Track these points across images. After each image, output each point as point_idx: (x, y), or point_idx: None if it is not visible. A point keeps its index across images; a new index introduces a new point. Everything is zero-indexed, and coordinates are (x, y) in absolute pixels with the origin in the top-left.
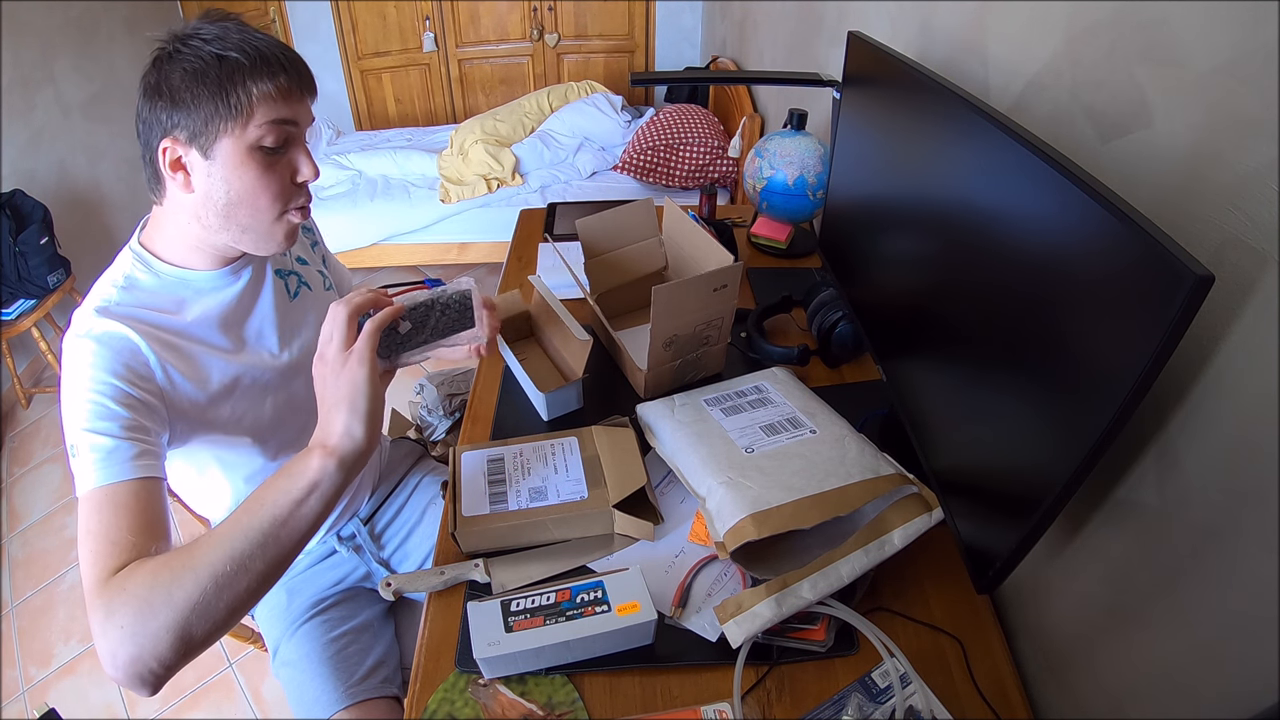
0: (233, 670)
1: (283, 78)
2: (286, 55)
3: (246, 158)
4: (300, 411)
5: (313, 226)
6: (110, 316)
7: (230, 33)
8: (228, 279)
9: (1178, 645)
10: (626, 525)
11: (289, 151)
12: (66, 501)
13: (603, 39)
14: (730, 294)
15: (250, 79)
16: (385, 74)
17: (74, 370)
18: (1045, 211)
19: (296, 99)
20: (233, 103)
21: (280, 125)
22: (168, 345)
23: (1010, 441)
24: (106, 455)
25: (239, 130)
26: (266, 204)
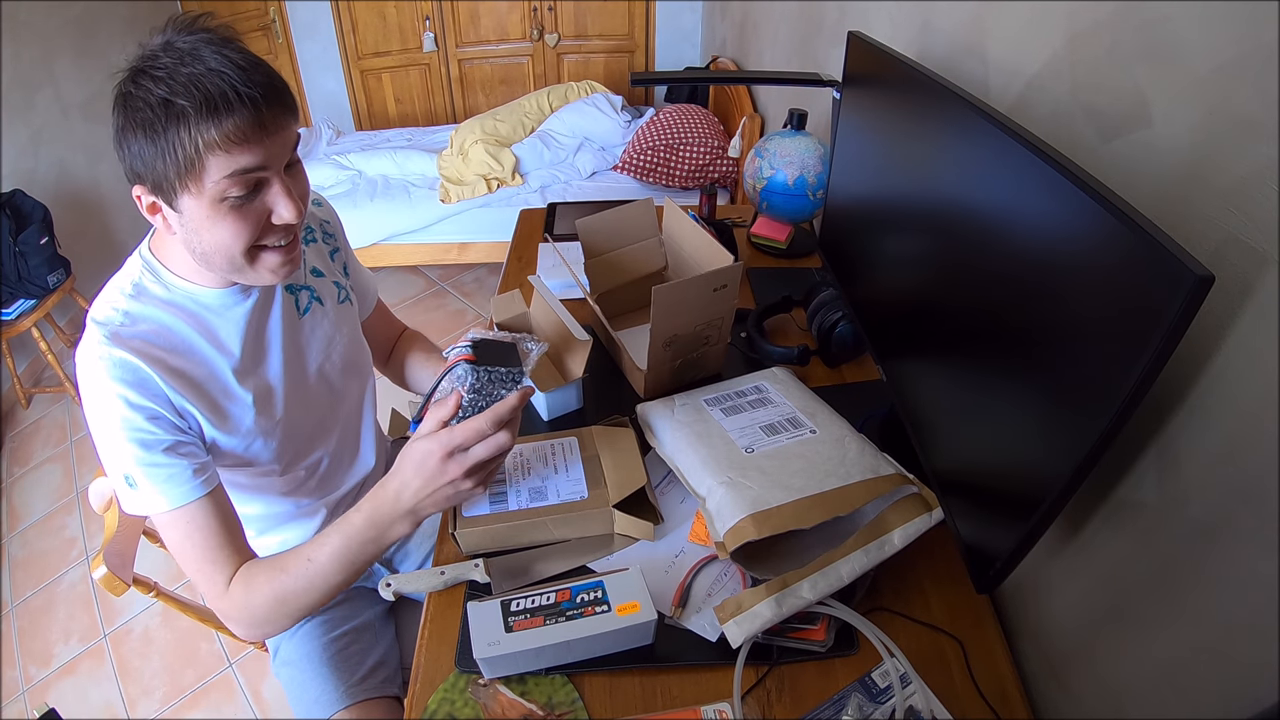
0: (233, 670)
1: (234, 122)
2: (244, 90)
3: (212, 211)
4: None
5: (334, 232)
6: (121, 345)
7: (184, 62)
8: (237, 298)
9: (1178, 645)
10: (626, 525)
11: (262, 193)
12: (66, 501)
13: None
14: (730, 294)
15: (198, 130)
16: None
17: (100, 412)
18: (1045, 211)
19: (258, 140)
20: (183, 159)
21: (242, 176)
22: (176, 373)
23: (1010, 441)
24: (168, 480)
25: (195, 187)
26: (240, 251)
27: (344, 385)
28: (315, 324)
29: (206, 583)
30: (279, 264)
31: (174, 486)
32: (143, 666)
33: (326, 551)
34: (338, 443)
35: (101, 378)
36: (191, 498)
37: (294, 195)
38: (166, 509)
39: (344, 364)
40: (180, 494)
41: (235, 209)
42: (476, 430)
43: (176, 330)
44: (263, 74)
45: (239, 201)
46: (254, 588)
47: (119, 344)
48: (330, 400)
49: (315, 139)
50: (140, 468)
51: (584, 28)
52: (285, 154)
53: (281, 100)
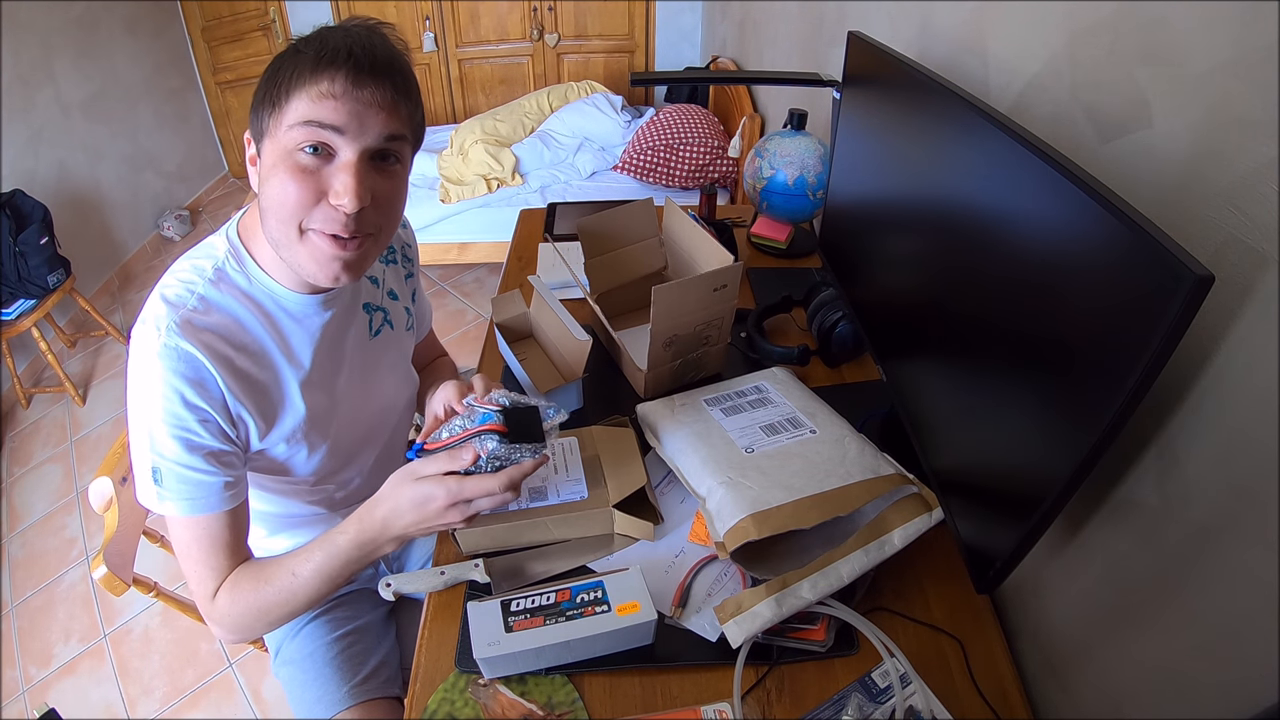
0: (233, 670)
1: (332, 71)
2: (358, 50)
3: (279, 162)
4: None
5: (413, 257)
6: (190, 337)
7: (337, 34)
8: (317, 310)
9: (1178, 645)
10: (626, 525)
11: (331, 165)
12: (66, 501)
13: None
14: (730, 294)
15: (301, 69)
16: None
17: (145, 394)
18: (1045, 211)
19: (345, 99)
20: (276, 93)
21: (311, 127)
22: (240, 374)
23: (1010, 441)
24: (197, 486)
25: (276, 129)
26: (288, 216)
27: (396, 411)
28: (385, 347)
29: (198, 584)
30: (326, 254)
31: (201, 496)
32: (143, 666)
33: (310, 568)
34: (375, 464)
35: (160, 366)
36: (212, 510)
37: (362, 185)
38: (185, 514)
39: (399, 390)
40: (204, 505)
41: (298, 168)
42: (486, 490)
43: (250, 328)
44: (384, 53)
45: (305, 160)
46: (237, 597)
47: (188, 334)
48: (381, 424)
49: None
50: (175, 467)
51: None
52: (369, 133)
53: (390, 79)
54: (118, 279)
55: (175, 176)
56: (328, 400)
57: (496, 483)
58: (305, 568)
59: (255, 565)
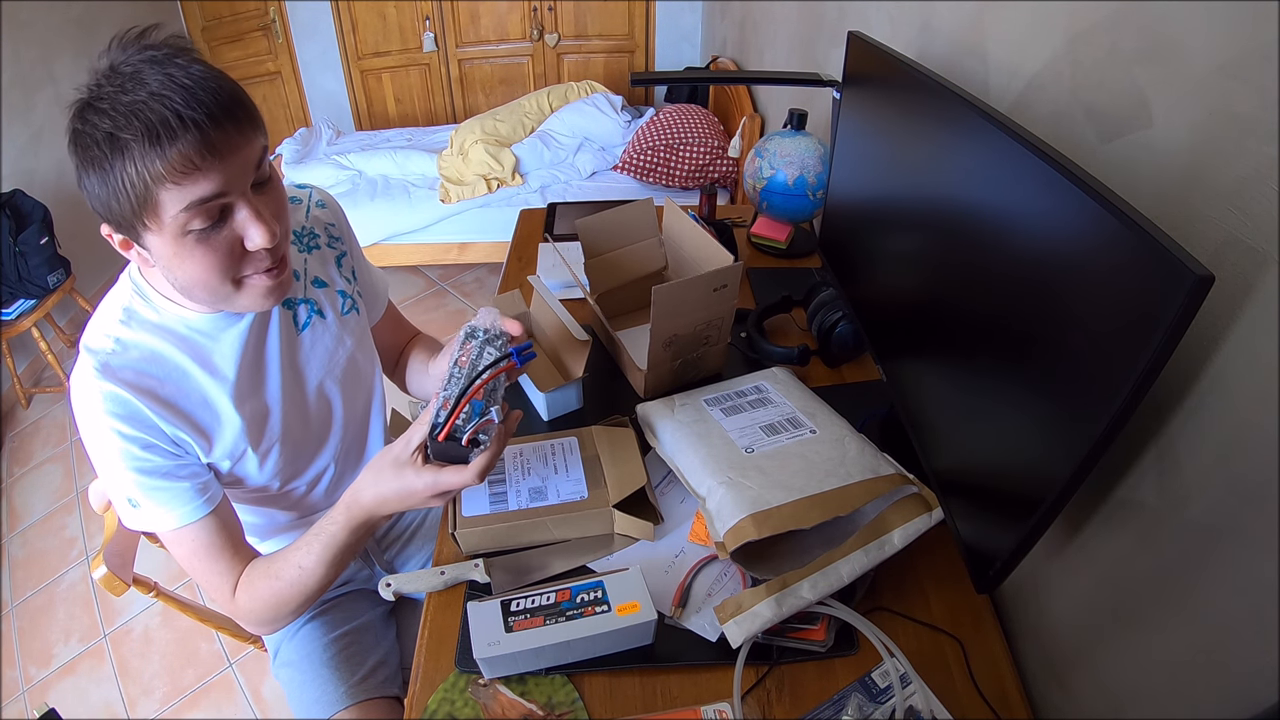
0: (233, 670)
1: (178, 150)
2: (186, 113)
3: (177, 248)
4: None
5: (341, 234)
6: (111, 378)
7: (125, 89)
8: (230, 320)
9: (1178, 645)
10: (626, 525)
11: (229, 220)
12: (66, 501)
13: (603, 39)
14: (730, 294)
15: (144, 163)
16: (385, 74)
17: (97, 444)
18: (1045, 212)
19: (210, 166)
20: (136, 197)
21: (201, 206)
22: (166, 403)
23: (1010, 441)
24: (171, 500)
25: (155, 223)
26: (218, 282)
27: (348, 397)
28: (315, 339)
29: (214, 590)
30: (267, 289)
31: (177, 506)
32: (143, 666)
33: (314, 558)
34: (342, 452)
35: (95, 411)
36: (195, 517)
37: (265, 217)
38: (172, 527)
39: (347, 376)
40: (184, 513)
41: (202, 241)
42: (463, 483)
43: (167, 357)
44: (209, 91)
45: (204, 234)
46: (255, 594)
47: (109, 376)
48: (332, 414)
49: (315, 139)
50: (142, 491)
51: (584, 28)
52: (247, 174)
53: (233, 117)
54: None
55: None
56: (262, 405)
57: (472, 475)
58: (309, 559)
59: (265, 561)
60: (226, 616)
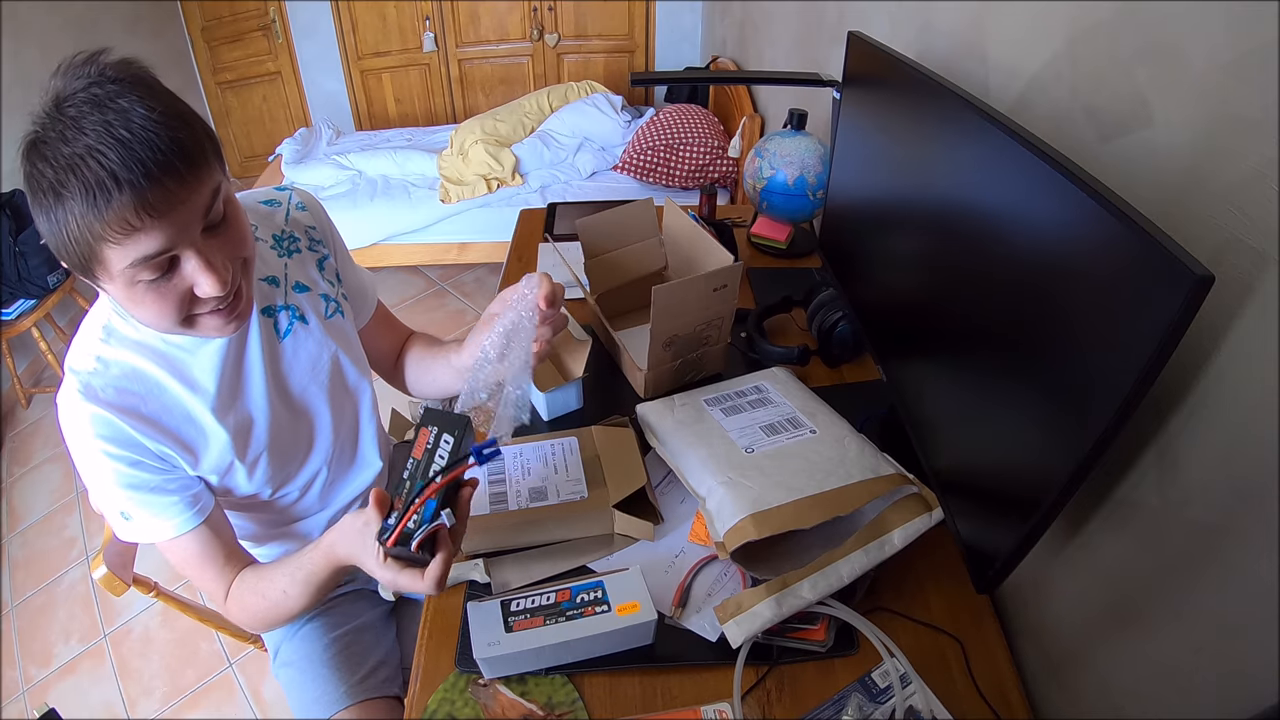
0: (233, 670)
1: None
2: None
3: (128, 294)
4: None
5: (324, 237)
6: (94, 400)
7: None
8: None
9: (1178, 645)
10: (626, 525)
11: (178, 269)
12: (66, 501)
13: (603, 39)
14: (730, 294)
15: (85, 222)
16: (385, 74)
17: (86, 461)
18: (1045, 211)
19: (152, 225)
20: (82, 252)
21: (140, 265)
22: (149, 421)
23: (1010, 441)
24: (163, 512)
25: (106, 275)
26: (170, 324)
27: (336, 401)
28: (298, 345)
29: (210, 593)
30: (221, 324)
31: (169, 518)
32: (143, 666)
33: (297, 588)
34: (334, 456)
35: (81, 432)
36: (187, 528)
37: (216, 265)
38: (165, 537)
39: (334, 380)
40: (176, 524)
41: (152, 289)
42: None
43: (147, 374)
44: (147, 145)
45: (154, 283)
46: (243, 606)
47: (92, 398)
48: (320, 420)
49: (315, 139)
50: (133, 505)
51: (584, 28)
52: (193, 224)
53: (173, 172)
54: None
55: None
56: (245, 417)
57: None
58: (293, 587)
59: (255, 576)
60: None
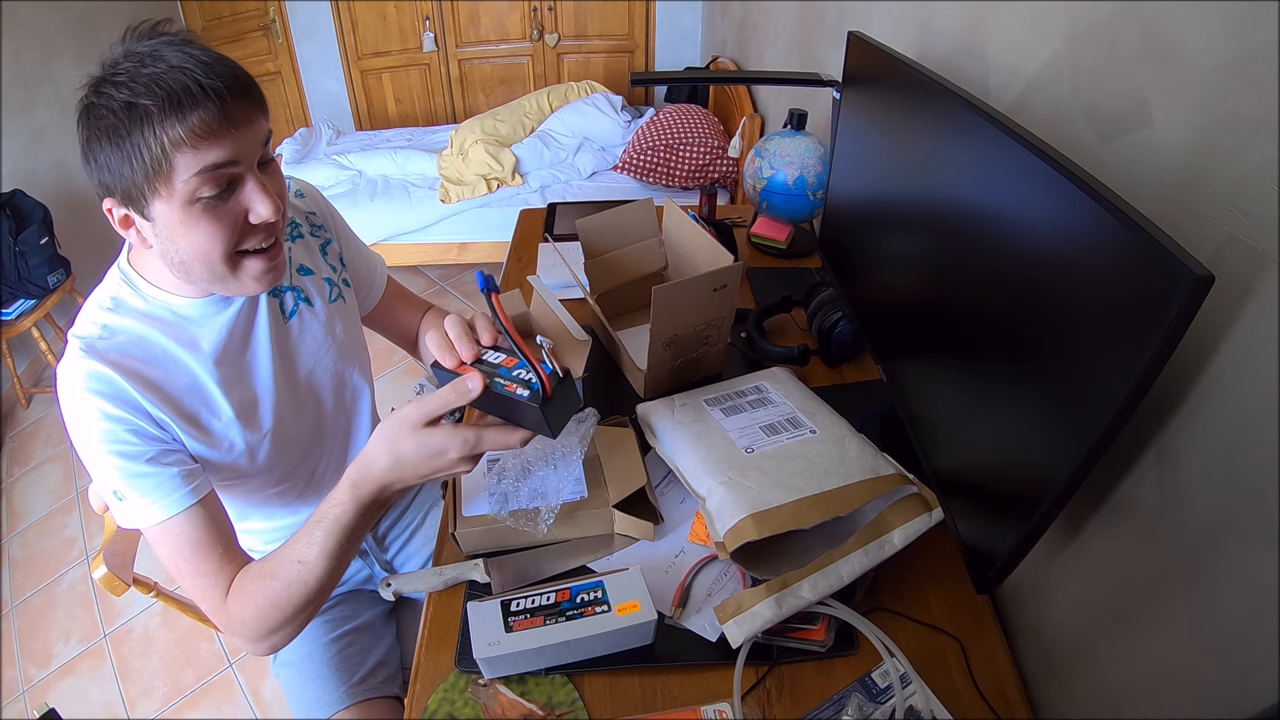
0: (233, 670)
1: (199, 116)
2: (207, 82)
3: (185, 215)
4: (296, 441)
5: (324, 222)
6: (97, 357)
7: (145, 64)
8: (218, 307)
9: (1178, 645)
10: (626, 525)
11: (236, 192)
12: (66, 501)
13: (603, 39)
14: (730, 294)
15: (163, 128)
16: (385, 74)
17: (80, 426)
18: (1045, 211)
19: (226, 134)
20: (150, 161)
21: (208, 173)
22: (152, 385)
23: (1010, 441)
24: (155, 490)
25: (166, 189)
26: (220, 256)
27: (340, 388)
28: (304, 327)
29: (204, 598)
30: (262, 270)
31: (161, 496)
32: (143, 666)
33: (316, 550)
34: (337, 447)
35: (78, 391)
36: (181, 507)
37: (270, 192)
38: (157, 520)
39: (339, 365)
40: (169, 504)
41: (209, 210)
42: (506, 444)
43: (154, 342)
44: (226, 67)
45: (212, 202)
46: (248, 598)
47: (94, 356)
48: (325, 406)
49: (315, 139)
50: (125, 480)
51: (584, 28)
52: (256, 149)
53: (248, 93)
54: None
55: None
56: (251, 393)
57: (518, 437)
58: (311, 552)
59: (259, 563)
60: None
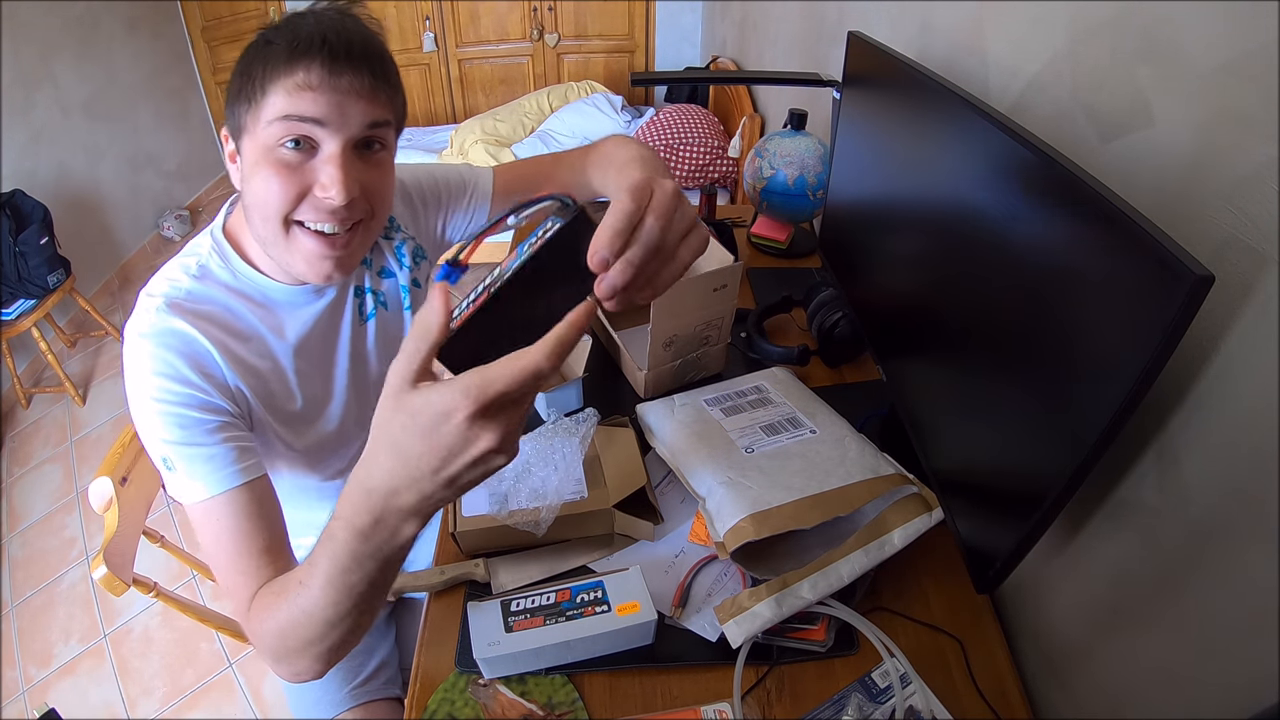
0: (233, 670)
1: (305, 63)
2: (331, 37)
3: (261, 159)
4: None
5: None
6: (179, 313)
7: (305, 17)
8: (308, 297)
9: (1178, 645)
10: (626, 525)
11: (314, 158)
12: (66, 501)
13: (603, 39)
14: (730, 294)
15: (273, 65)
16: None
17: (138, 377)
18: (1045, 211)
19: (324, 90)
20: (249, 92)
21: (291, 122)
22: (235, 357)
23: (1010, 441)
24: (206, 464)
25: (254, 125)
26: (273, 213)
27: None
28: (380, 330)
29: (234, 599)
30: (315, 253)
31: (211, 472)
32: (143, 666)
33: (318, 577)
34: None
35: (149, 347)
36: (228, 485)
37: (349, 177)
38: (202, 497)
39: None
40: (217, 480)
41: (280, 163)
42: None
43: (242, 315)
44: (360, 36)
45: (286, 155)
46: (261, 611)
47: (178, 314)
48: None
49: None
50: (178, 448)
51: (584, 28)
52: (352, 122)
53: (368, 66)
54: (118, 279)
55: (175, 176)
56: (323, 389)
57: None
58: (313, 577)
59: (282, 576)
60: (227, 617)
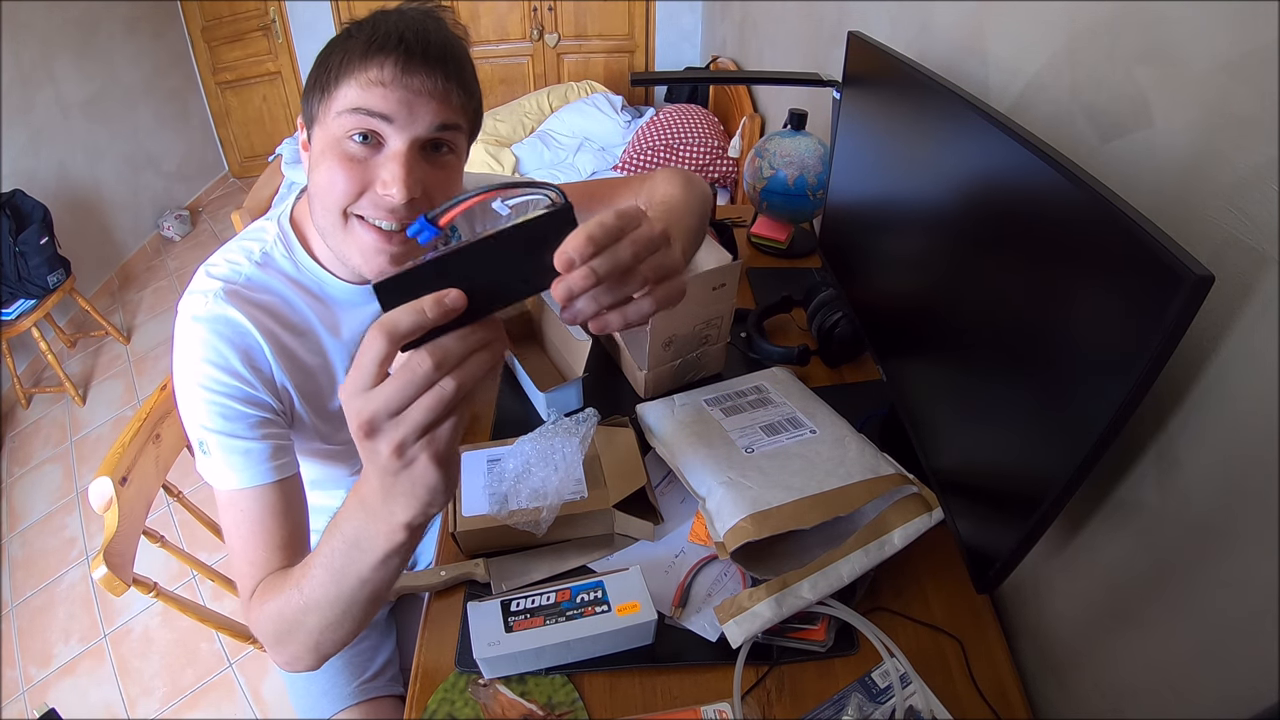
0: (233, 670)
1: (379, 59)
2: (408, 35)
3: (328, 149)
4: None
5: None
6: (236, 301)
7: (389, 15)
8: (367, 297)
9: (1178, 645)
10: (626, 525)
11: (379, 155)
12: (66, 501)
13: (603, 39)
14: (729, 293)
15: (349, 58)
16: None
17: (188, 359)
18: (1045, 211)
19: (394, 86)
20: (323, 82)
21: (359, 115)
22: (286, 352)
23: (1010, 441)
24: (242, 457)
25: (325, 115)
26: (334, 203)
27: None
28: None
29: (240, 584)
30: (371, 247)
31: (246, 466)
32: (143, 666)
33: (312, 581)
34: None
35: (203, 332)
36: (259, 481)
37: (411, 176)
38: (232, 486)
39: None
40: (249, 475)
41: (345, 156)
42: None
43: (298, 308)
44: (441, 42)
45: (352, 148)
46: (261, 606)
47: (234, 301)
48: None
49: None
50: (217, 437)
51: (584, 28)
52: (420, 121)
53: (443, 68)
54: (118, 279)
55: (175, 176)
56: None
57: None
58: (307, 580)
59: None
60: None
